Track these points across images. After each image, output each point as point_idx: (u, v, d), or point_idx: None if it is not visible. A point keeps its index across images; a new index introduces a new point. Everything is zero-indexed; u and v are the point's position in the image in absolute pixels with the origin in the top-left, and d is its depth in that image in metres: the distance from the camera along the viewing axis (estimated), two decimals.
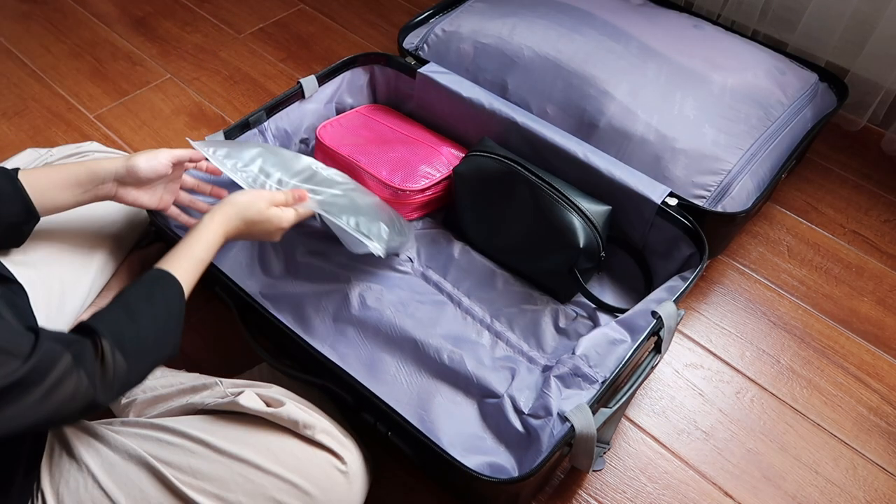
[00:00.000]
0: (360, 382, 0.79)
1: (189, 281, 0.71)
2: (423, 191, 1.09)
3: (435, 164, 1.12)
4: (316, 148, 1.17)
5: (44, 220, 0.79)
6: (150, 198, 0.85)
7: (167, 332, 0.67)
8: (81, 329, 0.61)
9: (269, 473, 0.70)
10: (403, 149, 1.14)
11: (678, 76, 1.13)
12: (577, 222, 0.98)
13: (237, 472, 0.70)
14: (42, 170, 0.77)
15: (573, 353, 0.90)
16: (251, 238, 0.82)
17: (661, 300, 0.91)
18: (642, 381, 0.84)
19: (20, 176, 0.75)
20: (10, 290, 0.69)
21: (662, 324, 0.85)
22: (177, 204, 0.92)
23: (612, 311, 1.01)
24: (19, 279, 0.80)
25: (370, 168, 1.10)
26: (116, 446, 0.70)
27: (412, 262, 1.06)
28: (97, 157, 0.97)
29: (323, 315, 0.98)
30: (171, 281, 0.69)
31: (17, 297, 0.70)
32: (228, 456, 0.70)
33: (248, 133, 1.10)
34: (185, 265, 0.71)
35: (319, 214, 0.89)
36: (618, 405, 0.80)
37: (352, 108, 1.25)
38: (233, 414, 0.75)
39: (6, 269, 0.72)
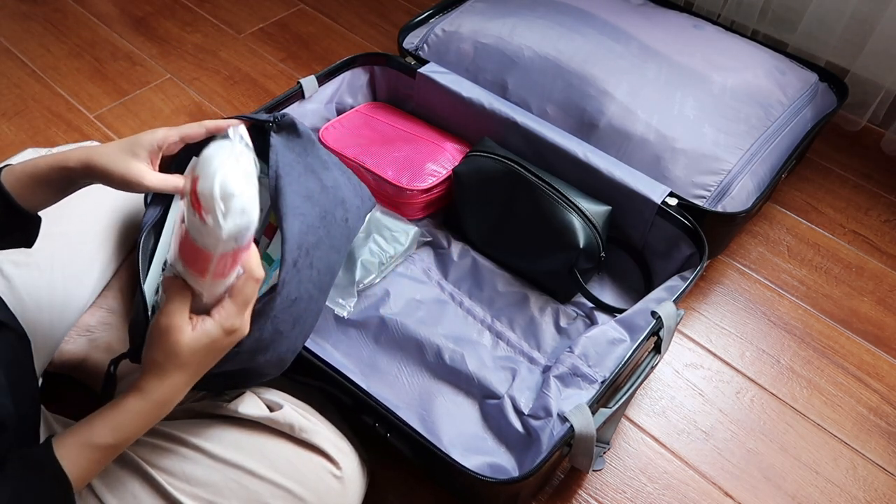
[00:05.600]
0: (358, 386, 0.79)
1: (85, 470, 0.56)
2: (429, 190, 1.09)
3: (440, 161, 1.12)
4: None
5: (44, 221, 0.78)
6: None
7: None
8: None
9: (263, 479, 0.70)
10: (407, 147, 1.14)
11: (678, 76, 1.13)
12: (577, 222, 0.98)
13: (231, 477, 0.69)
14: (23, 167, 0.67)
15: (571, 351, 0.90)
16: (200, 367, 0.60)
17: (661, 300, 0.91)
18: (642, 381, 0.84)
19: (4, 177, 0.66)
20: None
21: (662, 324, 0.85)
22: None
23: (612, 311, 1.01)
24: (21, 280, 0.80)
25: (376, 169, 1.10)
26: None
27: (413, 262, 1.06)
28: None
29: (325, 316, 0.98)
30: (56, 478, 0.54)
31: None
32: (223, 461, 0.70)
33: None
34: (83, 455, 0.56)
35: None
36: (617, 405, 0.81)
37: (352, 108, 1.25)
38: (228, 417, 0.75)
39: (9, 313, 0.69)
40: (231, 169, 0.53)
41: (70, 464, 0.55)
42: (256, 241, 0.75)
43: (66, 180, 0.65)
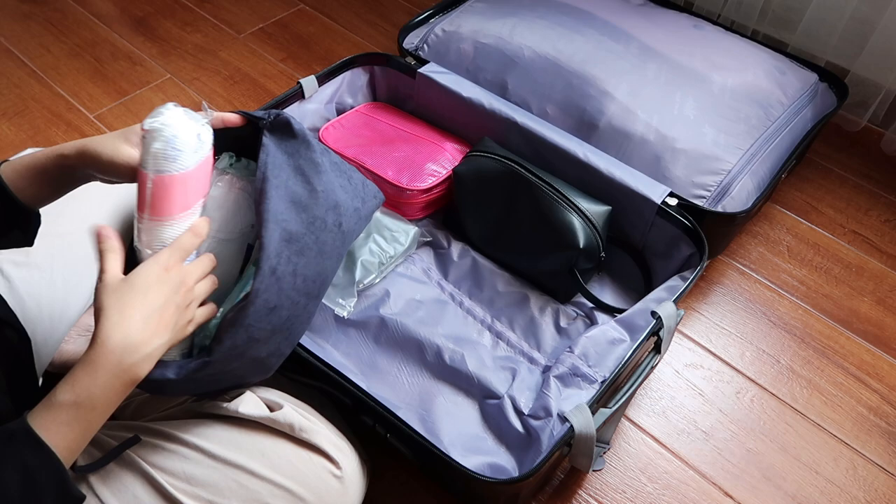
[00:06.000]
0: (358, 386, 0.79)
1: (63, 435, 0.54)
2: (429, 190, 1.09)
3: (440, 161, 1.12)
4: None
5: (44, 222, 0.78)
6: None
7: None
8: None
9: (263, 479, 0.70)
10: (407, 147, 1.14)
11: (678, 76, 1.13)
12: (577, 222, 0.98)
13: (231, 477, 0.69)
14: (21, 160, 0.67)
15: (571, 351, 0.90)
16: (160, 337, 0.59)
17: (661, 300, 0.91)
18: (642, 381, 0.84)
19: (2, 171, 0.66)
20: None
21: (662, 324, 0.85)
22: None
23: (612, 311, 1.01)
24: (21, 280, 0.80)
25: (376, 169, 1.10)
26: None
27: (413, 262, 1.06)
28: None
29: (325, 315, 0.98)
30: (33, 443, 0.53)
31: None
32: (223, 461, 0.70)
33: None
34: (51, 417, 0.54)
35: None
36: (617, 405, 0.81)
37: (352, 108, 1.25)
38: (228, 417, 0.75)
39: (9, 312, 0.69)
40: (174, 113, 0.63)
41: (40, 426, 0.53)
42: (251, 247, 0.75)
43: (63, 170, 0.65)
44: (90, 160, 0.64)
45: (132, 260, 0.68)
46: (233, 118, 0.71)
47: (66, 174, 0.66)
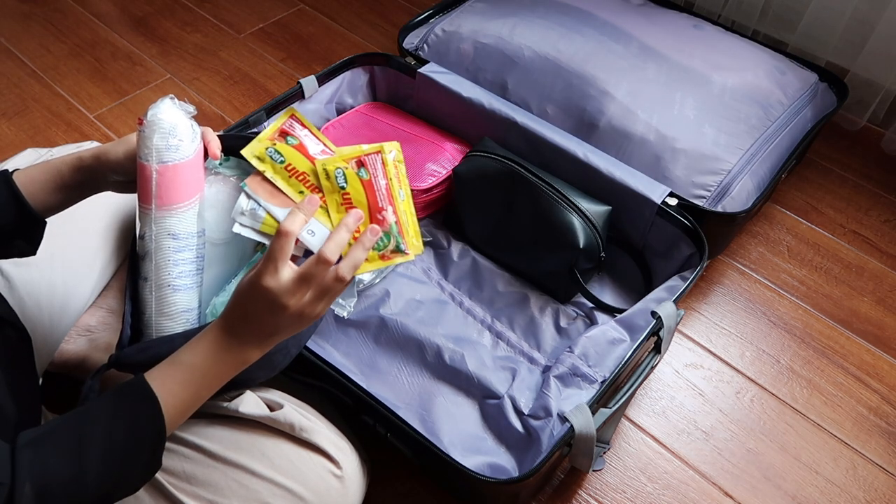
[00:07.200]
0: (358, 385, 0.79)
1: (175, 394, 0.57)
2: (429, 190, 1.09)
3: (440, 161, 1.12)
4: None
5: None
6: None
7: (126, 470, 0.55)
8: (8, 460, 0.49)
9: (263, 479, 0.70)
10: (407, 147, 1.14)
11: (678, 76, 1.13)
12: (577, 222, 0.98)
13: (232, 477, 0.69)
14: (36, 166, 0.69)
15: (571, 351, 0.90)
16: (274, 332, 0.60)
17: (661, 300, 0.91)
18: (642, 381, 0.84)
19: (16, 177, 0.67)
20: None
21: (662, 324, 0.86)
22: None
23: (612, 311, 1.01)
24: (21, 280, 0.80)
25: None
26: None
27: (413, 262, 1.06)
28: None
29: (325, 315, 0.98)
30: (144, 396, 0.56)
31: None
32: (223, 461, 0.70)
33: (248, 133, 1.09)
34: (169, 374, 0.58)
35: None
36: (617, 405, 0.81)
37: (352, 108, 1.25)
38: (228, 417, 0.75)
39: (10, 311, 0.69)
40: (170, 106, 0.67)
41: (157, 383, 0.56)
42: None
43: (80, 174, 0.67)
44: (106, 160, 0.67)
45: (135, 254, 0.69)
46: (212, 148, 0.71)
47: (82, 181, 0.68)
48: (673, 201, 1.01)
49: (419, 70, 1.18)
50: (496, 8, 1.27)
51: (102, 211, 0.92)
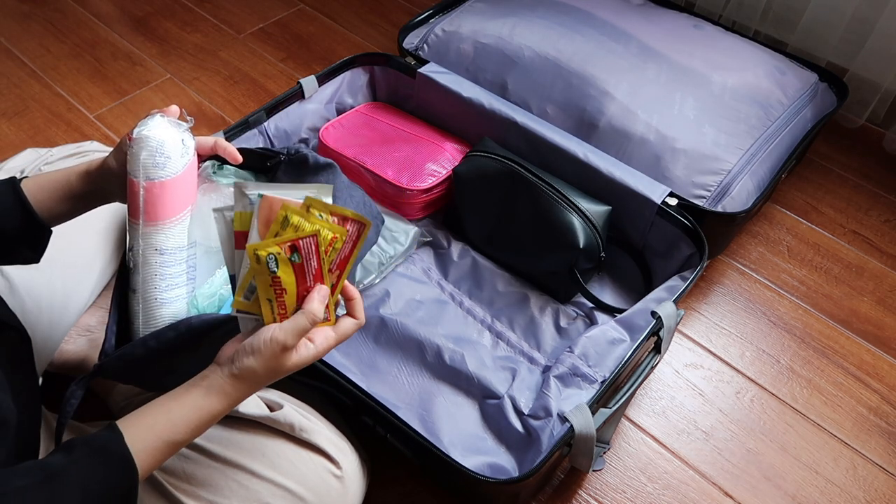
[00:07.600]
0: (358, 386, 0.79)
1: (151, 456, 0.54)
2: (429, 190, 1.09)
3: (440, 161, 1.12)
4: (319, 151, 1.17)
5: None
6: None
7: None
8: None
9: (263, 479, 0.70)
10: (407, 147, 1.14)
11: (678, 76, 1.13)
12: (577, 222, 0.98)
13: (232, 477, 0.69)
14: (46, 175, 0.69)
15: (571, 351, 0.90)
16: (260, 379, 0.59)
17: (661, 300, 0.91)
18: (642, 381, 0.84)
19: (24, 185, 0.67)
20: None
21: (662, 324, 0.85)
22: None
23: (611, 311, 1.01)
24: (21, 280, 0.80)
25: (376, 169, 1.10)
26: None
27: (413, 262, 1.06)
28: (96, 156, 0.94)
29: None
30: (116, 456, 0.53)
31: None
32: (223, 461, 0.70)
33: (248, 133, 1.10)
34: (148, 431, 0.55)
35: None
36: (617, 405, 0.81)
37: (352, 108, 1.25)
38: (228, 417, 0.75)
39: (10, 314, 0.69)
40: (158, 121, 0.65)
41: (142, 455, 0.53)
42: None
43: (89, 183, 0.67)
44: (108, 168, 0.67)
45: (124, 264, 0.69)
46: (232, 154, 0.71)
47: (90, 190, 0.68)
48: (673, 201, 1.01)
49: (419, 70, 1.18)
50: (496, 8, 1.27)
51: (102, 211, 0.91)
